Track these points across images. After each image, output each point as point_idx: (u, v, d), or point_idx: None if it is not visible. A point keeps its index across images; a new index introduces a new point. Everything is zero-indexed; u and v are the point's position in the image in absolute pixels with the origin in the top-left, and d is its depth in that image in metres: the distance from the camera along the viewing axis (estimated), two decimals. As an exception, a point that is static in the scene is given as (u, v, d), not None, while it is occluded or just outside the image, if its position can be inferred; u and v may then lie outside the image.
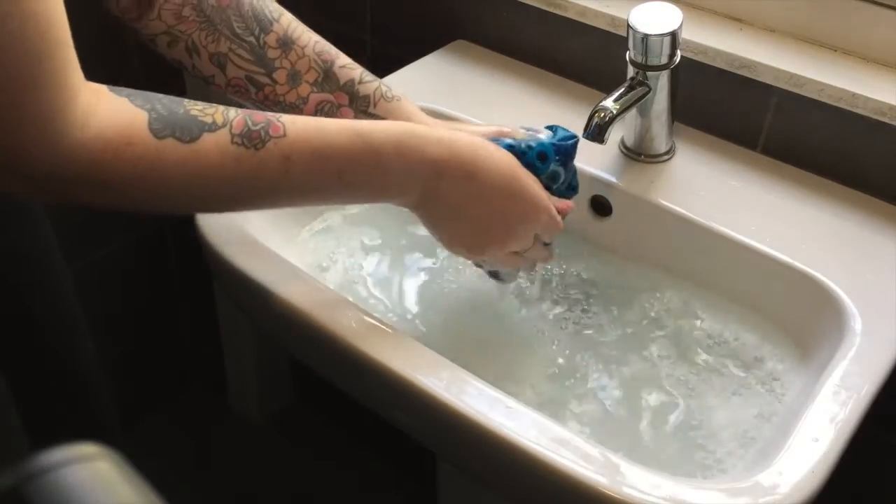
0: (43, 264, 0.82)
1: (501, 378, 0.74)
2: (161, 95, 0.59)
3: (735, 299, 0.80)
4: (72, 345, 0.87)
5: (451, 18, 1.06)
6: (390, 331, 0.69)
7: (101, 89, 0.56)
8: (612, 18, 0.91)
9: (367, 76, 0.75)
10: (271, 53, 0.72)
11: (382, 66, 1.05)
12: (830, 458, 0.61)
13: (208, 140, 0.58)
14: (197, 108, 0.59)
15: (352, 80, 0.74)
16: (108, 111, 0.55)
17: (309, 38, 0.73)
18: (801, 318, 0.76)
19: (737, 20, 0.91)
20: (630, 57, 0.81)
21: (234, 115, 0.59)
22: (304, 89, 0.73)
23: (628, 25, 0.80)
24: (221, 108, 0.60)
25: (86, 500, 0.27)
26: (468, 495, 0.93)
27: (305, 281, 0.73)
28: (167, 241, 1.38)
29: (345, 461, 1.51)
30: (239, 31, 0.70)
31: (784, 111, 0.87)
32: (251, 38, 0.71)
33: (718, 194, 0.84)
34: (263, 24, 0.71)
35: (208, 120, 0.58)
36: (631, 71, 0.82)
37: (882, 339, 0.70)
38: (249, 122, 0.59)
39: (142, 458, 0.34)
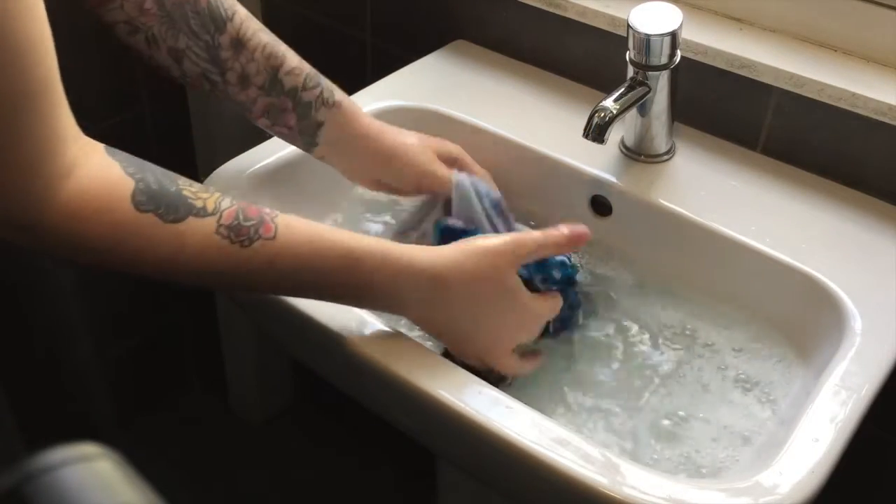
0: (35, 265, 0.82)
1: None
2: (158, 168, 0.58)
3: (735, 299, 0.80)
4: (64, 345, 0.87)
5: (451, 18, 1.06)
6: (390, 332, 0.69)
7: (96, 147, 0.56)
8: (612, 18, 0.91)
9: (312, 81, 0.75)
10: (224, 54, 0.72)
11: (382, 66, 1.05)
12: (830, 458, 0.61)
13: (193, 224, 0.57)
14: (190, 190, 0.58)
15: (295, 87, 0.74)
16: (96, 169, 0.55)
17: (259, 41, 0.73)
18: (801, 318, 0.76)
19: (737, 20, 0.91)
20: (630, 57, 0.81)
21: (227, 206, 0.59)
22: (252, 92, 0.74)
23: (628, 25, 0.80)
24: (217, 194, 0.60)
25: (86, 500, 0.27)
26: (468, 495, 0.93)
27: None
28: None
29: (345, 461, 1.51)
30: (195, 28, 0.71)
31: (784, 111, 0.87)
32: (207, 37, 0.71)
33: (718, 194, 0.84)
34: (218, 24, 0.71)
35: (199, 204, 0.58)
36: (631, 71, 0.82)
37: (882, 339, 0.70)
38: (241, 216, 0.59)
39: (142, 458, 0.34)
